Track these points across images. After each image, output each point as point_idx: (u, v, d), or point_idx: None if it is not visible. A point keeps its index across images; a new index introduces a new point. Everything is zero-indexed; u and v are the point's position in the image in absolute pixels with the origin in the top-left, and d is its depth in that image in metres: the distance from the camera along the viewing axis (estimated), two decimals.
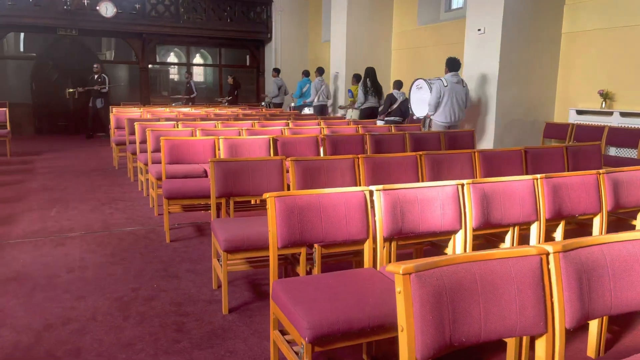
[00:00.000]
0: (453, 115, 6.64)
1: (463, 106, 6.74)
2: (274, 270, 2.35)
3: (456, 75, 6.70)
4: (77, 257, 3.98)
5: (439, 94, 6.59)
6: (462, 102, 6.71)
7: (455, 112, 6.64)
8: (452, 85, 6.59)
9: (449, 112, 6.62)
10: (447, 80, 6.62)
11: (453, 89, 6.60)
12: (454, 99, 6.60)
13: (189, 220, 5.13)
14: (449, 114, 6.62)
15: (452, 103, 6.60)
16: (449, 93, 6.58)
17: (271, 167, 3.50)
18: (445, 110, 6.61)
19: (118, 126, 8.29)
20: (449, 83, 6.59)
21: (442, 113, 6.65)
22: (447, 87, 6.56)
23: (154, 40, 14.43)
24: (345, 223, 2.42)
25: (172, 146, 4.73)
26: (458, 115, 6.67)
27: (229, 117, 7.94)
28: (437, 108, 6.62)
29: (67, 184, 6.89)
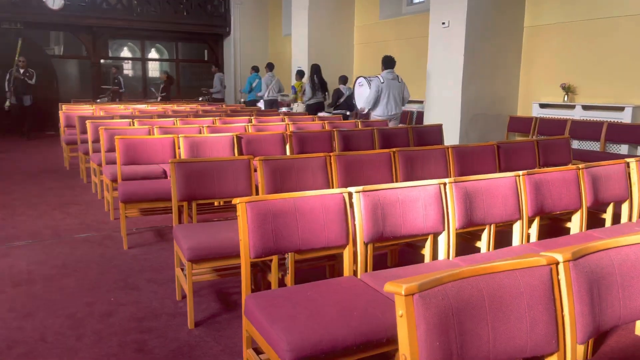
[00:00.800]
0: (391, 109, 7.08)
1: (400, 100, 7.16)
2: (246, 284, 2.13)
3: (391, 72, 7.07)
4: (24, 269, 3.62)
5: (377, 91, 6.98)
6: (399, 97, 7.12)
7: (393, 106, 7.07)
8: (388, 81, 7.00)
9: (386, 107, 7.04)
10: (384, 77, 7.01)
11: (389, 85, 7.00)
12: (391, 94, 7.02)
13: (149, 225, 4.81)
14: (386, 108, 7.05)
15: (389, 98, 7.02)
16: (385, 89, 7.00)
17: (238, 168, 3.26)
18: (383, 105, 7.03)
19: (68, 124, 7.80)
20: (385, 80, 6.99)
21: (380, 107, 7.06)
22: (384, 84, 6.97)
23: (105, 34, 13.81)
24: (323, 229, 2.22)
25: (128, 145, 4.40)
26: (395, 109, 7.11)
27: (188, 114, 7.59)
28: (376, 103, 7.04)
29: (14, 187, 6.41)
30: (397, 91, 7.07)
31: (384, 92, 6.98)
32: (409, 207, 2.41)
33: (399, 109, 7.16)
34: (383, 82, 6.97)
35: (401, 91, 7.14)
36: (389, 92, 7.00)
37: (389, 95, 7.01)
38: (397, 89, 7.07)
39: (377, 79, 7.03)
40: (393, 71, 7.10)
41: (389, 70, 7.06)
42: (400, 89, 7.12)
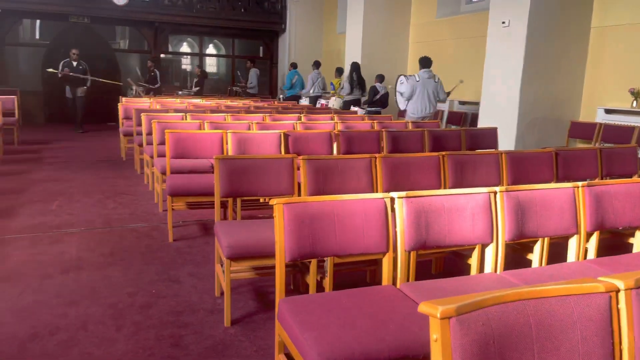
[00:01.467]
0: (425, 108, 7.37)
1: (434, 99, 7.43)
2: (280, 287, 2.07)
3: (428, 71, 7.39)
4: (74, 257, 3.74)
5: (411, 88, 7.30)
6: (433, 96, 7.41)
7: (427, 104, 7.37)
8: (424, 80, 7.30)
9: (420, 105, 7.34)
10: (420, 76, 7.33)
11: (425, 84, 7.30)
12: (426, 93, 7.33)
13: (195, 218, 4.88)
14: (420, 106, 7.34)
15: (423, 96, 7.32)
16: (420, 87, 7.29)
17: (281, 166, 3.22)
18: (417, 103, 7.33)
19: (126, 116, 8.06)
20: (420, 79, 7.30)
21: (413, 105, 7.36)
22: (419, 82, 7.27)
23: (166, 29, 14.19)
24: (362, 234, 2.13)
25: (178, 139, 4.46)
26: (429, 108, 7.40)
27: (239, 110, 7.66)
28: (409, 100, 7.37)
29: (73, 175, 6.69)
30: (432, 90, 7.34)
31: (418, 90, 7.27)
32: (455, 215, 2.28)
33: (432, 109, 7.43)
34: (418, 81, 7.26)
35: (436, 90, 7.39)
36: (423, 91, 7.29)
37: (424, 93, 7.29)
38: (432, 87, 7.34)
39: (413, 77, 7.38)
40: (430, 70, 7.36)
41: (425, 69, 7.35)
42: (436, 88, 7.37)
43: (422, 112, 7.35)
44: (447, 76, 10.01)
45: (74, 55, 10.97)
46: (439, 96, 7.48)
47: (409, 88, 7.29)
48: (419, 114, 7.33)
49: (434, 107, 7.46)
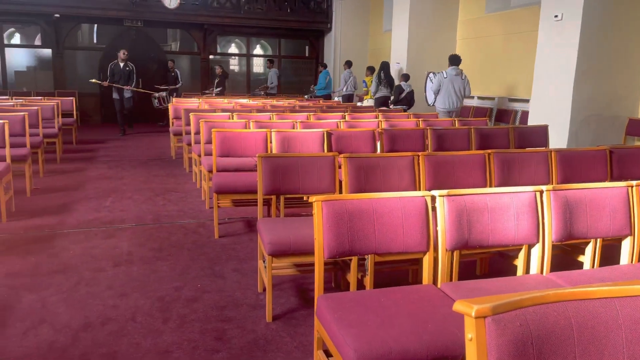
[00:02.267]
0: (452, 103, 7.92)
1: (461, 95, 7.96)
2: (319, 284, 2.09)
3: (456, 68, 7.89)
4: (125, 251, 3.90)
5: (438, 84, 7.91)
6: (460, 92, 7.92)
7: (454, 99, 7.90)
8: (452, 77, 7.84)
9: (447, 100, 7.88)
10: (447, 73, 7.88)
11: (452, 80, 7.83)
12: (453, 89, 7.85)
13: (240, 215, 4.97)
14: (447, 101, 7.89)
15: (450, 92, 7.84)
16: (447, 84, 7.82)
17: (322, 164, 3.24)
18: (445, 98, 7.88)
19: (176, 116, 8.31)
20: (448, 75, 7.86)
21: (441, 100, 7.93)
22: (447, 79, 7.83)
23: (215, 31, 14.54)
24: (402, 233, 2.12)
25: (224, 138, 4.57)
26: (456, 102, 7.94)
27: (285, 109, 7.75)
28: (437, 95, 7.96)
29: (125, 173, 6.96)
30: (458, 86, 7.88)
31: (445, 86, 7.83)
32: (498, 214, 2.23)
33: (460, 103, 8.03)
34: (446, 77, 7.85)
35: (463, 86, 7.92)
36: (450, 87, 7.82)
37: (451, 89, 7.83)
38: (458, 84, 7.88)
39: (441, 74, 7.93)
40: (457, 68, 7.88)
41: (453, 67, 7.87)
42: (462, 84, 7.92)
43: (449, 106, 7.89)
44: (496, 72, 9.77)
45: (123, 55, 10.80)
46: (465, 92, 8.01)
47: (436, 83, 7.93)
48: (446, 108, 7.91)
49: (460, 102, 8.05)
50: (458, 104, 7.98)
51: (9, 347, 2.47)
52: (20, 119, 5.73)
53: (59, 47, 13.31)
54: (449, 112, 7.91)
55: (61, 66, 13.54)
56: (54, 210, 5.00)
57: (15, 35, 16.00)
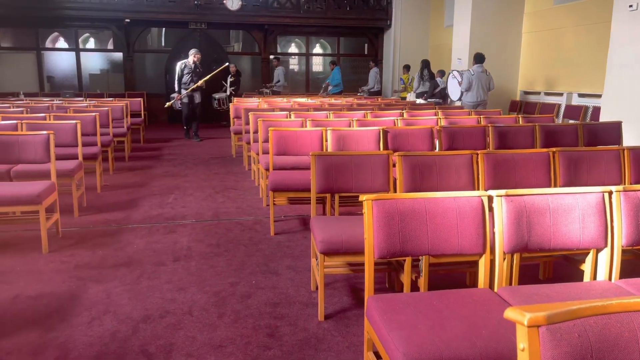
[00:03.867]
0: (479, 97, 8.64)
1: (486, 89, 8.70)
2: (369, 284, 2.05)
3: (481, 66, 8.62)
4: (185, 246, 4.03)
5: (468, 82, 8.60)
6: (485, 87, 8.66)
7: (481, 94, 8.64)
8: (478, 74, 8.58)
9: (476, 94, 8.63)
10: (474, 71, 8.63)
11: (479, 77, 8.58)
12: (479, 84, 8.60)
13: (296, 213, 5.01)
14: (476, 95, 8.63)
15: (478, 88, 8.60)
16: (475, 80, 8.58)
17: (376, 163, 3.19)
18: (473, 92, 8.63)
19: (236, 116, 8.50)
20: (475, 72, 8.60)
21: (471, 95, 8.64)
22: (474, 76, 8.58)
23: (275, 31, 14.75)
24: (456, 234, 2.04)
25: (280, 137, 4.62)
26: (483, 96, 8.67)
27: (342, 107, 7.74)
28: (467, 91, 8.65)
29: (188, 171, 7.20)
30: (484, 82, 8.62)
31: (474, 83, 8.58)
32: (561, 216, 2.10)
33: (486, 97, 8.73)
34: (473, 75, 8.57)
35: (487, 82, 8.66)
36: (478, 83, 8.59)
37: (478, 85, 8.60)
38: (484, 80, 8.62)
39: (469, 72, 8.68)
40: (482, 65, 8.62)
41: (478, 64, 8.61)
42: (487, 80, 8.66)
43: (477, 99, 8.61)
44: (565, 67, 9.28)
45: (196, 57, 9.77)
46: (489, 86, 8.75)
47: (467, 82, 8.61)
48: (474, 101, 8.61)
49: (487, 96, 8.78)
50: (484, 97, 8.75)
51: (74, 335, 2.61)
52: (91, 120, 6.06)
53: (129, 50, 13.97)
54: (476, 105, 8.62)
55: (131, 68, 14.21)
56: (121, 206, 5.25)
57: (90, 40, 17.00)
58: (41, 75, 14.05)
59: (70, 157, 5.23)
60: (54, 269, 3.52)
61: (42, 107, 7.72)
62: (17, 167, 4.59)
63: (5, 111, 6.84)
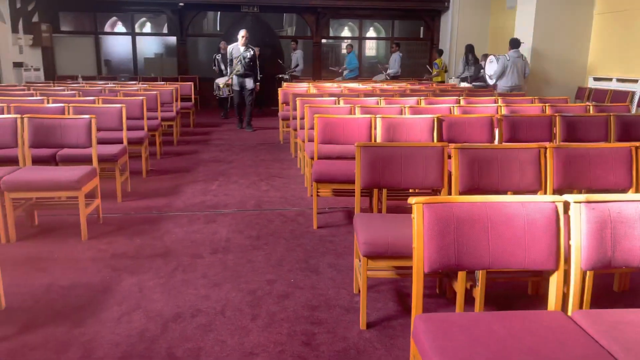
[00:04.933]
0: (514, 81, 8.74)
1: (522, 74, 8.81)
2: (417, 301, 1.77)
3: (517, 51, 8.76)
4: (224, 237, 3.87)
5: (503, 65, 8.74)
6: (521, 71, 8.76)
7: (515, 78, 8.74)
8: (514, 59, 8.71)
9: (510, 79, 8.75)
10: (510, 56, 8.74)
11: (514, 62, 8.70)
12: (515, 69, 8.70)
13: (342, 205, 4.76)
14: (510, 80, 8.75)
15: (512, 73, 8.72)
16: (510, 65, 8.70)
17: (429, 155, 2.88)
18: (508, 77, 8.76)
19: (285, 101, 8.30)
20: (510, 58, 8.72)
21: (505, 79, 8.79)
22: (510, 61, 8.71)
23: (327, 14, 14.41)
24: (523, 246, 1.73)
25: (326, 124, 4.35)
26: (517, 81, 8.76)
27: (394, 93, 7.37)
28: (501, 77, 8.82)
29: (234, 157, 7.08)
30: (520, 67, 8.72)
31: (509, 67, 8.69)
32: None
33: (520, 81, 8.83)
34: (509, 60, 8.70)
35: (523, 67, 8.78)
36: (513, 68, 8.68)
37: (513, 70, 8.69)
38: (520, 65, 8.73)
39: (504, 57, 8.79)
40: (518, 50, 8.76)
41: (514, 49, 8.74)
42: (523, 65, 8.78)
43: (512, 83, 8.71)
44: None
45: (242, 39, 9.16)
46: (525, 72, 8.85)
47: (501, 66, 8.74)
48: (509, 86, 8.71)
49: (521, 81, 8.83)
50: (519, 81, 8.81)
51: (101, 332, 2.48)
52: (138, 103, 6.02)
53: (182, 34, 14.04)
54: (511, 90, 8.68)
55: (184, 52, 14.29)
56: (164, 192, 5.17)
57: (146, 24, 17.27)
58: (99, 59, 14.39)
59: (116, 142, 5.20)
60: (90, 257, 3.44)
61: (95, 90, 7.80)
62: (63, 152, 4.57)
63: (59, 94, 6.94)
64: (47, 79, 12.74)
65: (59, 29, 13.78)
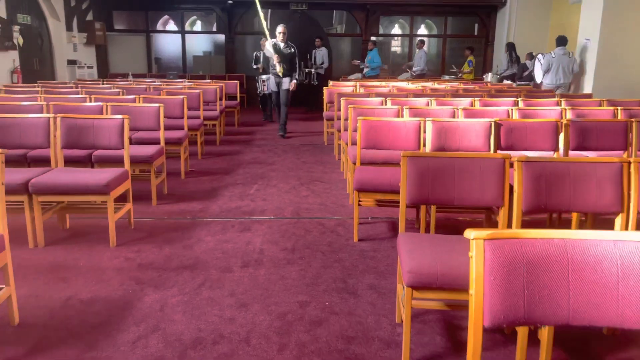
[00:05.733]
0: (559, 79, 8.77)
1: (569, 72, 8.79)
2: None
3: (563, 49, 8.80)
4: (257, 248, 3.60)
5: (548, 64, 8.82)
6: (567, 69, 8.76)
7: (561, 76, 8.75)
8: (559, 57, 8.74)
9: (555, 77, 8.78)
10: (555, 53, 8.82)
11: (560, 60, 8.73)
12: (560, 67, 8.72)
13: (386, 214, 4.40)
14: (555, 78, 8.79)
15: (557, 71, 8.73)
16: (555, 63, 8.74)
17: (487, 169, 2.49)
18: (552, 75, 8.79)
19: (330, 101, 8.00)
20: (556, 55, 8.78)
21: (549, 77, 8.84)
22: (555, 59, 8.75)
23: (377, 10, 13.99)
24: (616, 295, 1.34)
25: (370, 128, 4.02)
26: (563, 79, 8.78)
27: (446, 94, 6.92)
28: (546, 74, 8.86)
29: (276, 158, 6.85)
30: (566, 64, 8.73)
31: (553, 65, 8.75)
32: None
33: (567, 79, 8.83)
34: (554, 57, 8.77)
35: (570, 65, 8.79)
36: (558, 65, 8.70)
37: (558, 67, 8.71)
38: (566, 62, 8.73)
39: (550, 55, 8.89)
40: (564, 48, 8.78)
41: (561, 47, 8.79)
42: (570, 63, 8.78)
43: (556, 82, 8.73)
44: None
45: (281, 35, 8.45)
46: (573, 69, 8.79)
47: (546, 64, 8.81)
48: (553, 84, 8.74)
49: (568, 79, 8.82)
50: (565, 80, 8.79)
51: (114, 358, 2.25)
52: (179, 102, 5.87)
53: (230, 32, 13.99)
54: (556, 88, 8.65)
55: (232, 51, 14.25)
56: (201, 195, 4.98)
57: (197, 22, 17.40)
58: (149, 57, 14.56)
59: (154, 142, 5.05)
60: (116, 266, 3.25)
61: (139, 88, 7.76)
62: (97, 152, 4.45)
63: (103, 92, 6.92)
64: (100, 76, 12.99)
65: (112, 27, 14.03)
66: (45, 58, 11.30)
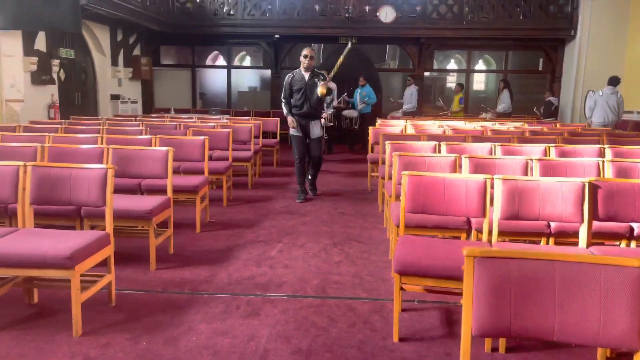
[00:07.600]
0: (606, 117, 8.62)
1: (615, 112, 8.64)
2: None
3: (612, 88, 8.65)
4: (261, 348, 2.69)
5: (593, 102, 8.74)
6: (614, 109, 8.62)
7: (608, 115, 8.61)
8: (607, 95, 8.64)
9: (601, 115, 8.66)
10: (603, 92, 8.71)
11: (606, 98, 8.61)
12: (606, 105, 8.60)
13: (437, 297, 3.38)
14: (601, 116, 8.66)
15: (604, 109, 8.62)
16: (602, 101, 8.65)
17: (615, 282, 1.47)
18: (600, 113, 8.69)
19: (376, 141, 7.08)
20: (604, 94, 8.69)
21: (596, 115, 8.73)
22: (602, 97, 8.66)
23: (432, 45, 13.14)
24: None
25: (418, 186, 3.08)
26: (610, 118, 8.62)
27: (510, 137, 5.86)
28: (592, 111, 8.79)
29: (310, 208, 5.97)
30: (612, 103, 8.60)
31: (599, 104, 8.66)
32: None
33: (614, 118, 8.67)
34: (601, 96, 8.68)
35: (616, 104, 8.64)
36: (604, 104, 8.62)
37: (605, 106, 8.61)
38: (613, 101, 8.61)
39: (597, 93, 8.80)
40: (614, 88, 8.66)
41: (610, 87, 8.68)
42: (617, 102, 8.64)
43: (603, 120, 8.61)
44: None
45: (306, 60, 6.14)
46: (619, 109, 8.68)
47: (591, 102, 8.84)
48: (601, 122, 8.63)
49: (615, 117, 8.66)
50: (611, 118, 8.66)
51: None
52: (199, 144, 5.14)
53: (277, 67, 13.51)
54: (603, 126, 8.54)
55: (278, 86, 13.72)
56: (212, 256, 4.15)
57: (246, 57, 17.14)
58: (194, 92, 14.27)
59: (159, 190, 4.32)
60: None
61: (168, 126, 7.17)
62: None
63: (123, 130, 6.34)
64: (145, 111, 12.75)
65: (159, 62, 13.87)
66: (88, 93, 11.12)
